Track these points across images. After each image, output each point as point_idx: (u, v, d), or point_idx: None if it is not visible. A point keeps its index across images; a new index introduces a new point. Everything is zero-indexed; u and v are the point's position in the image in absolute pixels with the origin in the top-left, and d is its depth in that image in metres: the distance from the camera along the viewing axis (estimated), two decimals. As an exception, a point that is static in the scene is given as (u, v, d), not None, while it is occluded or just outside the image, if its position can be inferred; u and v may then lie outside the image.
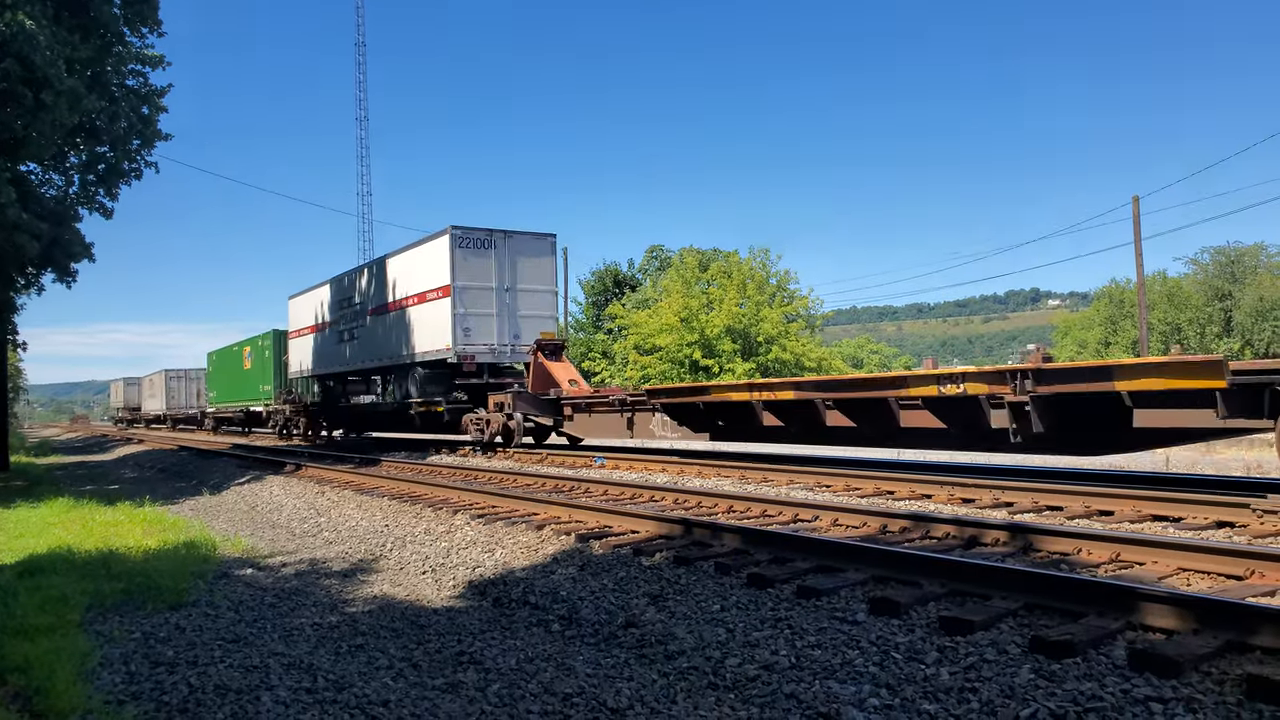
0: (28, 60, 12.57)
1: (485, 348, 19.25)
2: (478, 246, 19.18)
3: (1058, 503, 8.13)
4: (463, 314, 18.97)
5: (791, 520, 8.04)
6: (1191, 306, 48.81)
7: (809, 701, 3.92)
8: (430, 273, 19.82)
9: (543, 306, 20.11)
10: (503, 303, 19.45)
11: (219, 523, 11.77)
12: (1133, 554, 5.73)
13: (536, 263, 19.90)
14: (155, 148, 18.68)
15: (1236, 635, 3.92)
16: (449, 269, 18.93)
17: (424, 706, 4.27)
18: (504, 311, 19.46)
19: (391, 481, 12.97)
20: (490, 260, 19.33)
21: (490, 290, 19.31)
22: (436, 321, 19.48)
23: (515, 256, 19.57)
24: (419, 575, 7.38)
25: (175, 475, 20.75)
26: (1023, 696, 3.67)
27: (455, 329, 18.88)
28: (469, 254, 19.08)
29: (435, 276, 19.57)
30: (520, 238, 19.70)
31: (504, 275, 19.47)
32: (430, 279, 19.84)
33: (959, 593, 5.04)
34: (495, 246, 19.37)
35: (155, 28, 17.49)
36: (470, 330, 19.02)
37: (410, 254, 21.13)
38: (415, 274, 20.69)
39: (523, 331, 19.55)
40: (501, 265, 19.41)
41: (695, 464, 12.85)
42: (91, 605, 6.33)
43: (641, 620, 5.31)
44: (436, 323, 19.47)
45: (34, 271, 18.42)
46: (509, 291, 19.53)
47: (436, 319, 19.48)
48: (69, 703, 4.19)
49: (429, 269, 19.87)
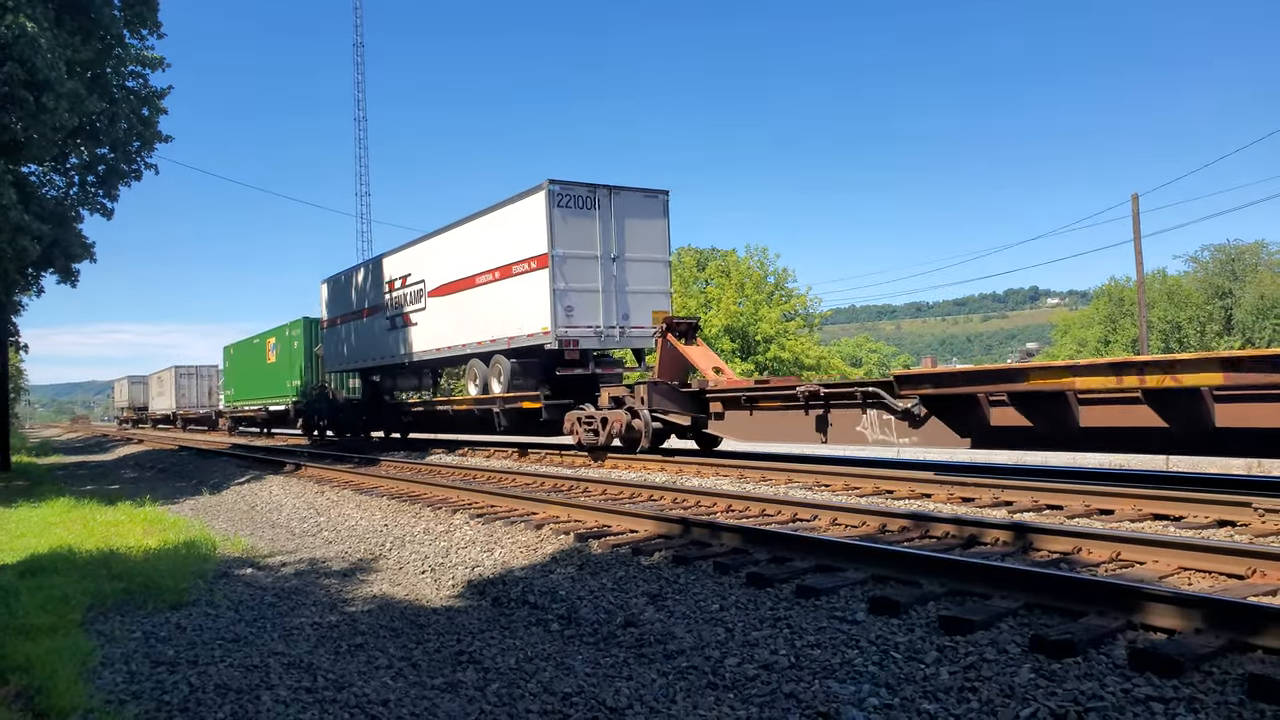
0: (29, 64, 12.58)
1: (590, 330, 16.06)
2: (580, 206, 15.93)
3: (1058, 502, 8.12)
4: (563, 289, 15.79)
5: (790, 519, 8.04)
6: (1192, 304, 48.84)
7: (808, 701, 3.92)
8: (519, 240, 16.59)
9: (654, 280, 16.85)
10: (609, 275, 16.23)
11: (219, 522, 11.77)
12: (1133, 553, 5.72)
13: (646, 226, 16.63)
14: (155, 149, 18.72)
15: (1238, 635, 3.91)
16: (546, 234, 15.70)
17: (423, 706, 4.27)
18: (610, 286, 16.27)
19: (390, 481, 12.98)
20: (594, 223, 16.09)
21: (594, 260, 16.10)
22: (528, 300, 16.36)
23: (623, 218, 16.32)
24: (418, 575, 7.38)
25: (175, 475, 20.75)
26: (1023, 696, 3.66)
27: (555, 308, 15.72)
28: (569, 215, 15.82)
29: (526, 244, 16.37)
30: (628, 196, 16.47)
31: (610, 242, 16.21)
32: (519, 248, 16.61)
33: (959, 592, 5.03)
34: (599, 206, 16.12)
35: (155, 29, 17.52)
36: (573, 310, 15.86)
37: (489, 220, 17.85)
38: (497, 243, 17.46)
39: (632, 310, 16.37)
40: (607, 229, 16.18)
41: (694, 463, 12.84)
42: (92, 605, 6.34)
43: (640, 620, 5.31)
44: (528, 301, 16.36)
45: (34, 273, 18.43)
46: (616, 261, 16.26)
47: (529, 297, 16.36)
48: (70, 702, 4.20)
49: (517, 236, 16.66)
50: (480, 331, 18.07)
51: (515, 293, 16.78)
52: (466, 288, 18.68)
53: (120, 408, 69.82)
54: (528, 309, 16.37)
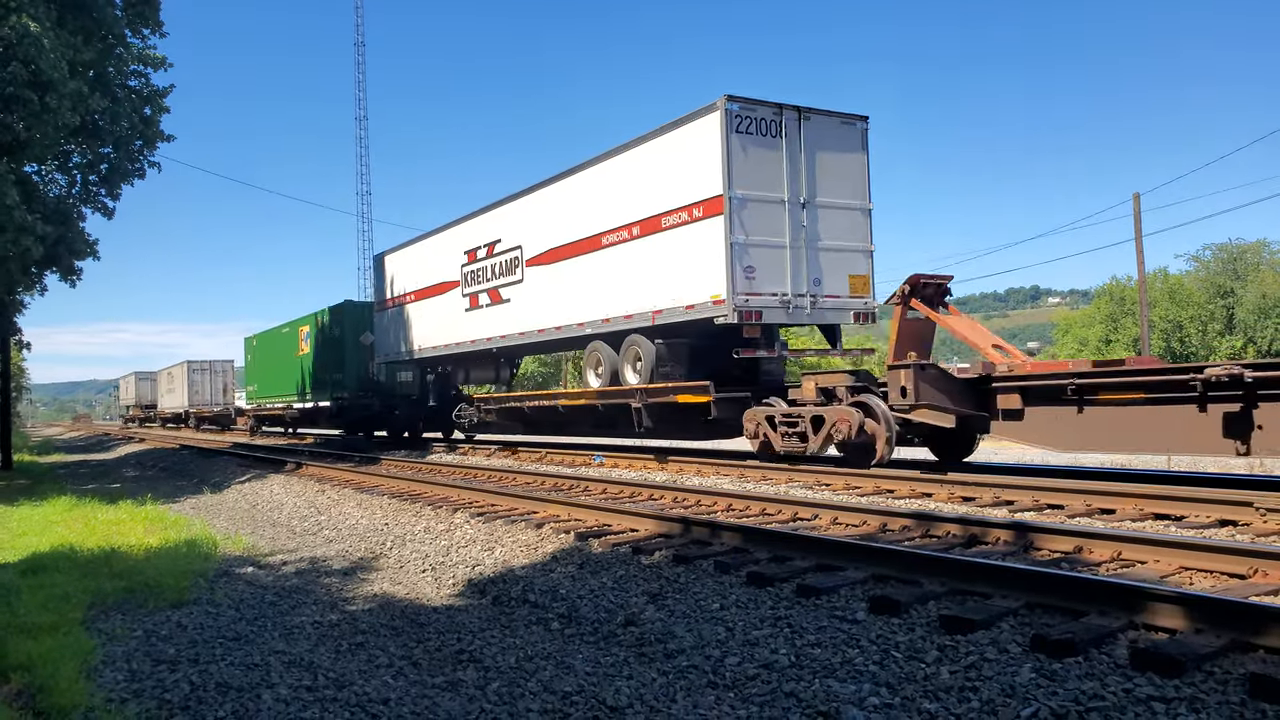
0: (33, 64, 12.60)
1: (775, 300, 12.24)
2: (763, 133, 12.22)
3: (1059, 501, 8.12)
4: (743, 244, 11.98)
5: (791, 519, 8.03)
6: (1193, 304, 48.75)
7: (809, 700, 3.92)
8: (674, 182, 12.83)
9: (852, 233, 13.02)
10: (797, 227, 12.44)
11: (220, 521, 11.78)
12: (1134, 552, 5.72)
13: (842, 162, 12.89)
14: (157, 148, 18.72)
15: (1240, 634, 3.90)
16: (721, 169, 11.89)
17: (424, 704, 4.27)
18: (799, 241, 12.47)
19: (391, 480, 12.98)
20: (780, 156, 12.34)
21: (780, 206, 12.33)
22: (688, 260, 12.61)
23: (814, 151, 12.61)
24: (419, 573, 7.38)
25: (176, 474, 20.76)
26: (1024, 695, 3.66)
27: (733, 269, 11.89)
28: (751, 145, 12.09)
29: (687, 186, 12.55)
30: (821, 122, 12.74)
31: (798, 182, 12.46)
32: (674, 192, 12.83)
33: (959, 591, 5.03)
34: (786, 135, 12.36)
35: (157, 29, 17.53)
36: (754, 272, 12.08)
37: (624, 161, 13.91)
38: (636, 191, 13.61)
39: (825, 274, 12.69)
40: (795, 166, 12.43)
41: (694, 463, 12.84)
42: (94, 603, 6.35)
43: (641, 619, 5.31)
44: (688, 262, 12.61)
45: (37, 272, 18.45)
46: (806, 208, 12.51)
47: (689, 256, 12.57)
48: (71, 700, 4.20)
49: (672, 177, 12.89)
50: (607, 306, 14.37)
51: (666, 253, 13.05)
52: (586, 251, 14.87)
53: (126, 405, 66.54)
54: (686, 272, 12.65)
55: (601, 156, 14.54)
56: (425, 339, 20.86)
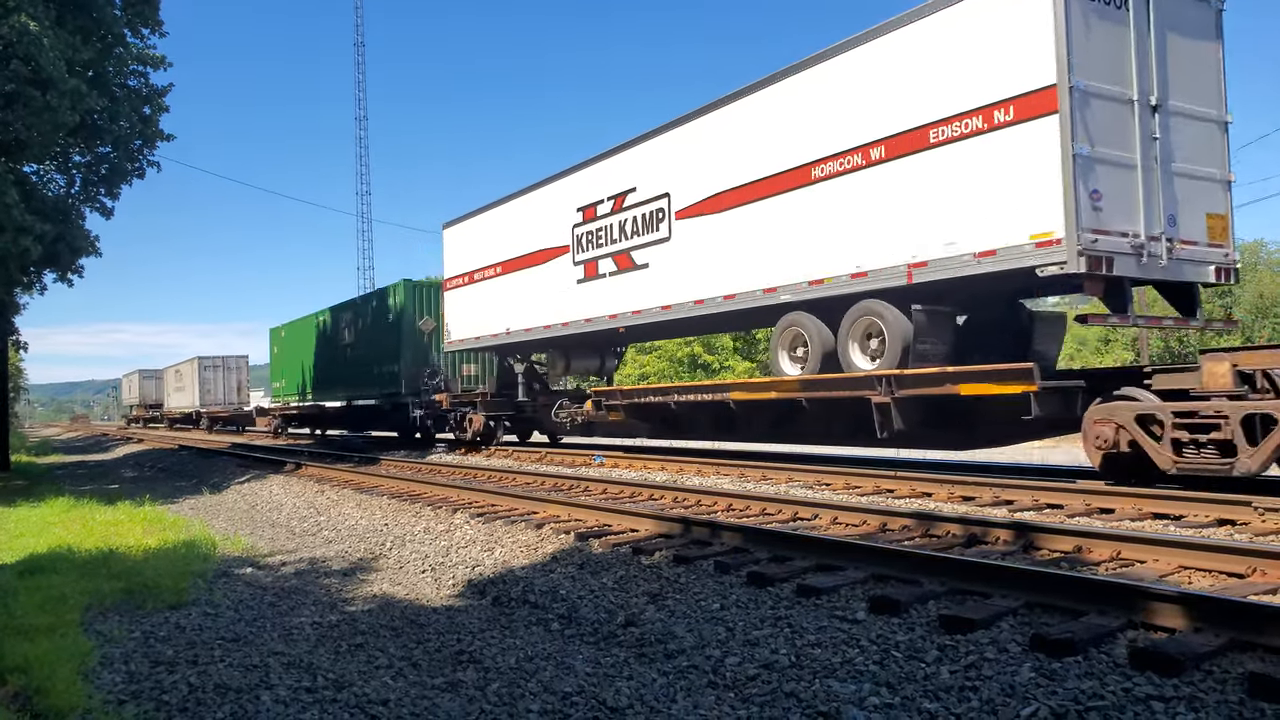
0: (34, 62, 12.59)
1: (1125, 243, 8.51)
2: (1106, 1, 8.64)
3: (1058, 500, 8.12)
4: (1088, 157, 8.29)
5: (791, 518, 8.03)
6: (1192, 304, 48.74)
7: (809, 700, 3.92)
8: (970, 70, 9.01)
9: (1209, 155, 9.28)
10: (1147, 139, 8.77)
11: (219, 522, 11.76)
12: (1134, 552, 5.72)
13: (1197, 54, 9.22)
14: (157, 148, 18.69)
15: (1238, 633, 3.91)
16: (1055, 46, 8.28)
17: (424, 705, 4.26)
18: (1150, 161, 8.77)
19: (391, 480, 12.97)
20: (1127, 36, 8.74)
21: (1129, 107, 8.71)
22: (989, 183, 8.84)
23: (1164, 35, 8.94)
24: (418, 574, 7.37)
25: (175, 474, 20.74)
26: (1024, 695, 3.66)
27: (1076, 193, 8.18)
28: (1093, 15, 8.49)
29: (995, 74, 8.80)
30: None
31: (1147, 75, 8.81)
32: (968, 86, 9.01)
33: (959, 591, 5.03)
34: (1132, 9, 8.76)
35: (156, 28, 17.51)
36: (1101, 200, 8.38)
37: (878, 48, 9.98)
38: (898, 89, 9.73)
39: (1180, 209, 8.93)
40: (1143, 52, 8.81)
41: (694, 462, 12.84)
42: (91, 605, 6.33)
43: (641, 619, 5.30)
44: (990, 186, 8.84)
45: (35, 271, 18.42)
46: (1157, 114, 8.82)
47: (992, 176, 8.82)
48: (69, 702, 4.19)
49: (966, 62, 9.05)
50: (819, 262, 10.66)
51: (936, 179, 9.33)
52: (781, 190, 11.15)
53: (129, 406, 62.06)
54: (977, 204, 8.96)
55: (811, 60, 10.83)
56: (514, 320, 17.17)
